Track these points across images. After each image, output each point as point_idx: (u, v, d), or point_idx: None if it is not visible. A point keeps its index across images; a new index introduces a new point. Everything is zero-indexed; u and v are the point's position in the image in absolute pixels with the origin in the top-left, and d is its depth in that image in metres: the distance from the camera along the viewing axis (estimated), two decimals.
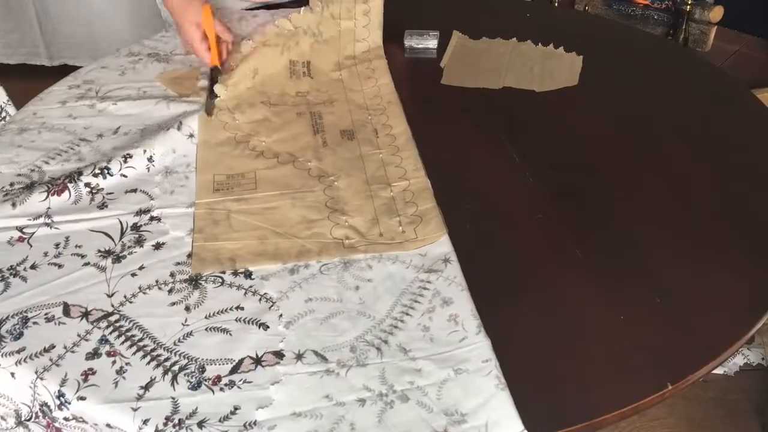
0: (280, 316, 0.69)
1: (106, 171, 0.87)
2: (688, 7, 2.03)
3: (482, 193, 0.87)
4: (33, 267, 0.75)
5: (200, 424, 0.59)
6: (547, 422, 0.61)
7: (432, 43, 1.19)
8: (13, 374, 0.65)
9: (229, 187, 0.86)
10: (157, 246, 0.78)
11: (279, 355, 0.65)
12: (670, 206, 0.85)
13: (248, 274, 0.74)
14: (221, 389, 0.62)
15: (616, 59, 1.14)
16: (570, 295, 0.72)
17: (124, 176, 0.87)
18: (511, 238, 0.81)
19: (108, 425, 0.60)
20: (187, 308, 0.70)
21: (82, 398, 0.62)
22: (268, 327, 0.68)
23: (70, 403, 0.62)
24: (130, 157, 0.88)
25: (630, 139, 0.97)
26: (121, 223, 0.81)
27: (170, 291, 0.72)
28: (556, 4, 2.31)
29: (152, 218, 0.81)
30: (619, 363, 0.65)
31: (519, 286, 0.74)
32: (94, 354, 0.66)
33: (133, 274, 0.74)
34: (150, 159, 0.89)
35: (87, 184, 0.85)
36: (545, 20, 1.34)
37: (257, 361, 0.65)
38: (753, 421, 1.43)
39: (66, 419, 0.61)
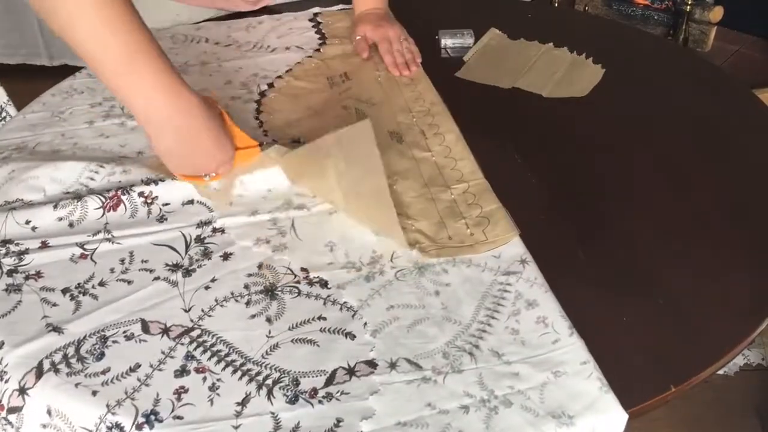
0: (365, 324, 0.68)
1: (158, 178, 0.85)
2: (688, 7, 2.04)
3: None
4: (101, 284, 0.73)
5: None
6: None
7: (468, 41, 1.18)
8: (95, 393, 0.63)
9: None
10: (225, 256, 0.76)
11: (371, 364, 0.65)
12: (672, 207, 0.84)
13: (324, 284, 0.73)
14: (320, 402, 0.61)
15: (615, 60, 1.13)
16: (572, 297, 0.71)
17: (175, 178, 0.85)
18: None
19: None
20: (269, 320, 0.69)
21: (178, 417, 0.60)
22: (354, 336, 0.67)
23: (162, 422, 0.60)
24: None
25: (630, 140, 0.96)
26: (183, 235, 0.79)
27: (247, 303, 0.71)
28: (556, 5, 2.32)
29: (215, 230, 0.80)
30: (621, 364, 0.64)
31: None
32: (182, 371, 0.64)
33: (207, 287, 0.73)
34: None
35: (140, 194, 0.83)
36: (545, 21, 1.33)
37: (351, 371, 0.64)
38: (753, 421, 1.42)
39: None
